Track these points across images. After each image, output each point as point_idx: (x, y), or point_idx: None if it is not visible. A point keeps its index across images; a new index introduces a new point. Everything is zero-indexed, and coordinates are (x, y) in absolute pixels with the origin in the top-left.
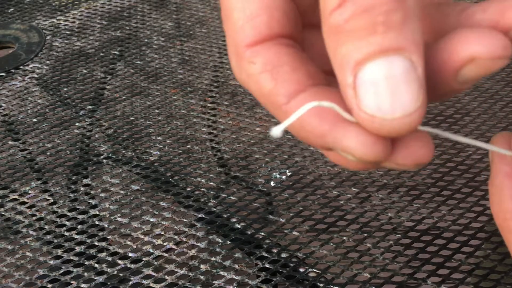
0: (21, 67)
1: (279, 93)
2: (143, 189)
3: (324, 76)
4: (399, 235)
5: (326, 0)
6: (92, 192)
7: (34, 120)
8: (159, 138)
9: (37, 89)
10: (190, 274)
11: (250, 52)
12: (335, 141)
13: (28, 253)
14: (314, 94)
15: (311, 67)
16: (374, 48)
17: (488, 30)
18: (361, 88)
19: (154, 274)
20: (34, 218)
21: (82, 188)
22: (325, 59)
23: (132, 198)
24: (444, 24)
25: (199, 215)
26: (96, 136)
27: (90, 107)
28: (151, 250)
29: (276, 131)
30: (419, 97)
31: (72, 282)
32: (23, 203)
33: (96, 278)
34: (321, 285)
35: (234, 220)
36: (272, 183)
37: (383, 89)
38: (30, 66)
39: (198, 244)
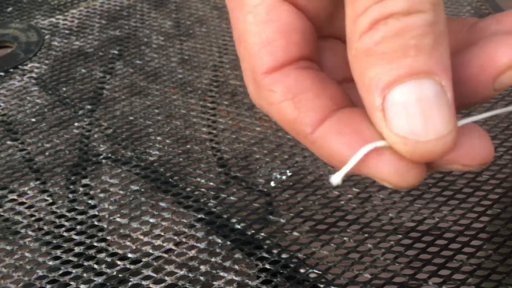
0: (19, 66)
1: (303, 123)
2: (143, 189)
3: (344, 95)
4: (400, 236)
5: (356, 23)
6: (91, 192)
7: (33, 120)
8: (158, 138)
9: (36, 88)
10: (190, 275)
11: (269, 80)
12: (369, 171)
13: (27, 254)
14: (339, 120)
15: (332, 88)
16: (405, 71)
17: None
18: (391, 110)
19: (154, 275)
20: (33, 218)
21: (81, 189)
22: (340, 69)
23: (131, 198)
24: (454, 41)
25: (199, 216)
26: (95, 136)
27: (89, 106)
28: (150, 251)
29: (335, 179)
30: (450, 120)
31: (71, 283)
32: (22, 203)
33: (95, 279)
34: (321, 286)
35: (234, 220)
36: (272, 183)
37: (415, 111)
38: (28, 65)
39: (198, 244)
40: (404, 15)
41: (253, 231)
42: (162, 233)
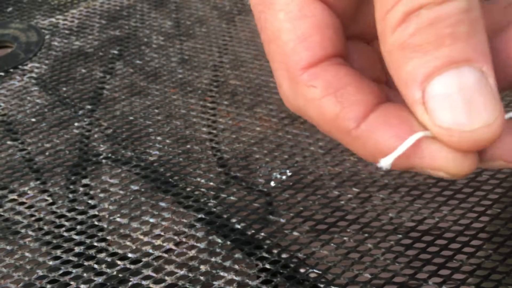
0: (19, 66)
1: (347, 117)
2: (143, 189)
3: (382, 91)
4: (400, 236)
5: (387, 18)
6: (91, 192)
7: (33, 120)
8: (158, 138)
9: (36, 88)
10: (190, 274)
11: (308, 75)
12: (423, 161)
13: (27, 254)
14: (384, 114)
15: (370, 84)
16: (443, 61)
17: None
18: (433, 102)
19: (154, 274)
20: (33, 218)
21: (81, 188)
22: (369, 70)
23: (131, 198)
24: (490, 23)
25: (199, 216)
26: (95, 136)
27: (89, 106)
28: (150, 251)
29: (385, 163)
30: (495, 107)
31: (72, 282)
32: (22, 203)
33: (95, 278)
34: (321, 285)
35: (234, 220)
36: (272, 183)
37: (457, 101)
38: (28, 65)
39: (198, 244)
40: (436, 4)
41: (253, 231)
42: (162, 233)
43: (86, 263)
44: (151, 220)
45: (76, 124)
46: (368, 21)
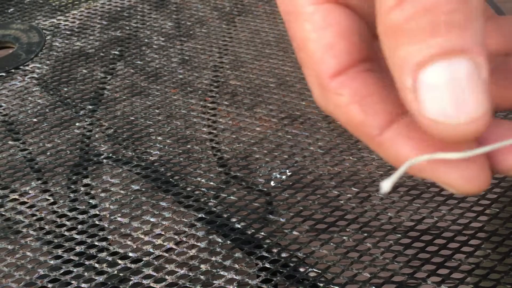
0: (21, 67)
1: (371, 125)
2: (143, 189)
3: None
4: (399, 235)
5: None
6: (92, 192)
7: (34, 120)
8: (159, 138)
9: (37, 89)
10: (190, 274)
11: (336, 83)
12: (436, 176)
13: (28, 253)
14: (406, 125)
15: (394, 91)
16: (436, 50)
17: None
18: (422, 91)
19: (154, 273)
20: (34, 218)
21: (82, 188)
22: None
23: (132, 198)
24: (505, 41)
25: (199, 215)
26: (96, 136)
27: (90, 107)
28: (151, 250)
29: (386, 186)
30: (483, 102)
31: (73, 282)
32: (23, 203)
33: (96, 278)
34: (321, 284)
35: (234, 220)
36: (272, 183)
37: (446, 93)
38: (30, 66)
39: (198, 244)
40: None
41: (253, 231)
42: (163, 232)
43: (87, 262)
44: (152, 219)
45: (77, 124)
46: None
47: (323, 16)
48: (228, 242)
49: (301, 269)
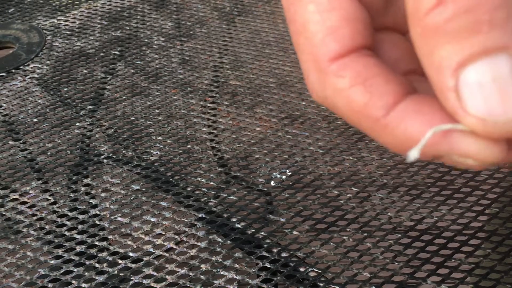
0: (21, 67)
1: (376, 106)
2: (144, 189)
3: (409, 82)
4: (399, 235)
5: None
6: (93, 192)
7: (35, 120)
8: (159, 138)
9: (38, 89)
10: (191, 273)
11: (336, 66)
12: (453, 148)
13: (28, 253)
14: (413, 103)
15: (398, 76)
16: (478, 49)
17: None
18: (466, 91)
19: (155, 273)
20: (35, 217)
21: (82, 188)
22: (402, 62)
23: (132, 198)
24: None
25: (200, 215)
26: (97, 136)
27: (90, 107)
28: (151, 250)
29: (413, 155)
30: None
31: (73, 281)
32: (24, 203)
33: (96, 277)
34: (321, 284)
35: (234, 219)
36: (272, 183)
37: (491, 90)
38: (30, 66)
39: (199, 243)
40: None
41: (253, 230)
42: (163, 232)
43: (87, 262)
44: (152, 219)
45: (77, 124)
46: (401, 13)
47: (328, 0)
48: (228, 242)
49: (301, 269)
